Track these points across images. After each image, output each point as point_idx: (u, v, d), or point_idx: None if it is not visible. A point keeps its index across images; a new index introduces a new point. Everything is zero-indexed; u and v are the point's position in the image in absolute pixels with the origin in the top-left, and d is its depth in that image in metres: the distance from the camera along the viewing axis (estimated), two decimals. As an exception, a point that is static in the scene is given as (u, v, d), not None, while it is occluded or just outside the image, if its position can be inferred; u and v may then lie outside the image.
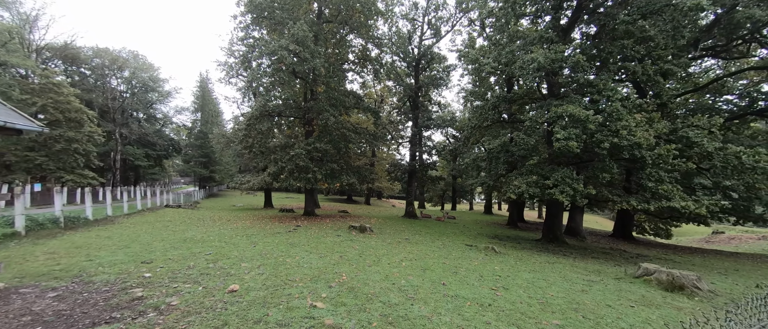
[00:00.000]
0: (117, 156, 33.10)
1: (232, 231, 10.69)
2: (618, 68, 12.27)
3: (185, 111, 46.07)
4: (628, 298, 5.53)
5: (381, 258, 7.33)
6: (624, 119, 9.55)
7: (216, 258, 6.38)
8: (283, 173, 14.35)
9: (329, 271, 5.70)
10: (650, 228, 27.36)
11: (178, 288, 4.28)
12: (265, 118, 15.88)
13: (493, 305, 4.50)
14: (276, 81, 15.09)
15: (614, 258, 11.79)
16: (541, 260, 9.47)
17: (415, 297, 4.57)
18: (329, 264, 6.26)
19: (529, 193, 10.73)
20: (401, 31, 24.16)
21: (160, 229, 10.43)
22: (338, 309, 3.85)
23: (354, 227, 12.18)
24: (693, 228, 37.57)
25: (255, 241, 8.72)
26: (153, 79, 41.57)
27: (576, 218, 18.98)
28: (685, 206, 9.24)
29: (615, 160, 10.74)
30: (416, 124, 24.03)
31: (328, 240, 9.73)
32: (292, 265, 6.03)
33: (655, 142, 10.54)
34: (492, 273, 6.74)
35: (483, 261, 8.09)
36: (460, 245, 11.20)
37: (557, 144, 9.48)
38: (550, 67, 10.46)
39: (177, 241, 8.19)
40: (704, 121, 11.19)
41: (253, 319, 3.35)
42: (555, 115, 10.06)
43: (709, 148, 10.37)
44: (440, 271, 6.47)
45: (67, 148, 22.64)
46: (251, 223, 13.42)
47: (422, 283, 5.35)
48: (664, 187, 9.78)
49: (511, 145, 11.97)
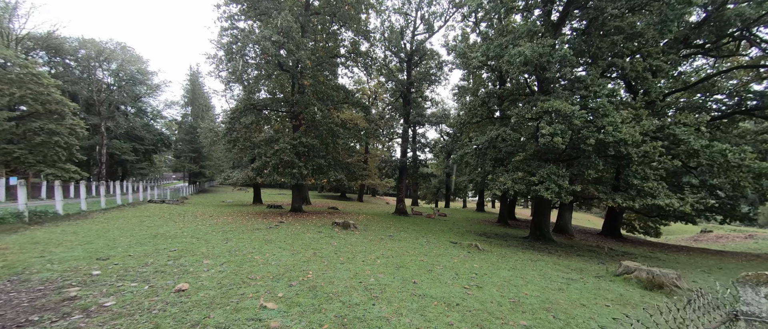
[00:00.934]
0: (103, 150, 32.34)
1: (210, 227, 10.36)
2: (608, 64, 12.11)
3: (175, 105, 45.26)
4: (604, 297, 5.36)
5: (356, 255, 7.08)
6: (610, 115, 9.38)
7: (180, 254, 6.08)
8: (267, 168, 13.99)
9: (296, 269, 5.44)
10: (639, 226, 27.62)
11: (122, 288, 3.98)
12: (249, 111, 15.49)
13: (461, 304, 4.28)
14: (261, 74, 14.67)
15: (600, 256, 11.70)
16: (523, 258, 9.32)
17: (380, 296, 4.33)
18: (299, 262, 6.00)
19: (515, 190, 10.56)
20: (394, 25, 23.79)
21: (134, 225, 10.05)
22: (291, 310, 3.59)
23: (337, 223, 11.92)
24: (682, 227, 38.05)
25: (229, 238, 8.41)
26: (141, 72, 40.66)
27: (565, 216, 18.94)
28: (670, 204, 9.13)
29: (601, 156, 10.60)
30: (407, 120, 23.77)
31: (308, 236, 9.45)
32: (258, 263, 5.75)
33: (642, 139, 10.42)
34: (469, 271, 6.53)
35: (463, 259, 7.89)
36: (444, 242, 11.01)
37: (542, 139, 9.30)
38: (538, 61, 10.25)
39: (146, 237, 7.85)
40: (691, 118, 11.09)
41: (190, 322, 3.07)
42: (541, 110, 9.87)
43: (696, 145, 10.26)
44: (415, 269, 6.25)
45: (47, 140, 21.95)
46: (233, 219, 13.08)
47: (392, 281, 5.11)
48: (649, 185, 9.66)
49: (498, 141, 11.76)
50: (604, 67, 12.23)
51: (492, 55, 11.52)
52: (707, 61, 20.06)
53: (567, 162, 11.62)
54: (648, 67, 12.32)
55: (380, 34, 24.00)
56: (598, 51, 12.49)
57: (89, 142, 32.22)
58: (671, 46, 14.58)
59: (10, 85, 20.77)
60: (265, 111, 17.45)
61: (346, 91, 18.86)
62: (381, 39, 23.92)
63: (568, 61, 9.75)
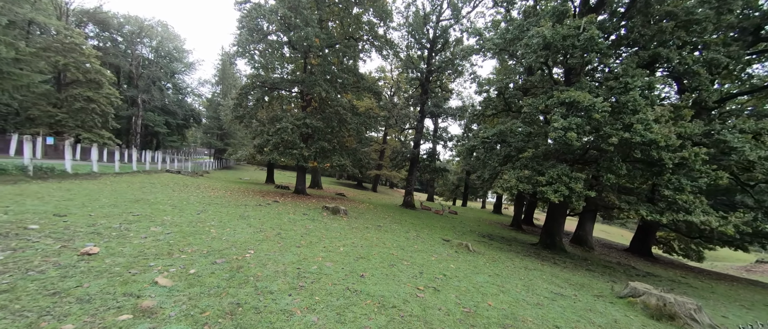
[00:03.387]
0: (138, 120, 34.69)
1: (200, 198, 10.41)
2: (651, 56, 10.33)
3: (207, 83, 47.37)
4: (590, 321, 4.40)
5: (322, 241, 6.59)
6: (641, 111, 7.93)
7: (138, 219, 5.94)
8: (267, 146, 13.89)
9: (241, 247, 5.04)
10: (679, 247, 24.50)
11: (35, 244, 3.77)
12: (257, 89, 15.43)
13: (398, 307, 3.61)
14: (270, 51, 14.46)
15: (614, 273, 10.29)
16: (518, 265, 8.31)
17: (307, 287, 3.77)
18: (252, 240, 5.61)
19: (519, 189, 9.45)
20: (419, 9, 22.57)
21: (130, 189, 10.34)
22: (185, 290, 3.14)
23: (327, 208, 11.53)
24: (731, 253, 33.58)
25: (206, 209, 8.30)
26: (178, 50, 42.87)
27: (585, 226, 17.17)
28: (706, 221, 7.60)
29: (628, 160, 9.12)
30: (422, 109, 22.71)
31: (287, 217, 9.14)
32: (209, 236, 5.44)
33: (681, 143, 8.79)
34: (440, 271, 5.79)
35: (442, 258, 7.12)
36: (436, 239, 10.22)
37: (554, 134, 8.11)
38: (560, 45, 8.90)
39: (127, 201, 7.93)
40: (750, 123, 9.17)
41: (53, 289, 2.72)
42: (557, 101, 8.60)
43: (752, 156, 8.46)
44: (377, 261, 5.62)
45: (85, 107, 23.79)
46: (230, 194, 13.18)
47: (336, 272, 4.54)
48: (683, 197, 8.13)
49: (508, 135, 10.59)
50: (647, 58, 10.48)
51: (509, 38, 10.27)
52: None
53: (585, 163, 10.20)
54: (702, 60, 10.39)
55: (404, 17, 22.95)
56: (640, 38, 10.74)
57: (127, 112, 34.68)
58: (737, 38, 12.24)
59: (56, 53, 22.57)
60: (276, 91, 17.36)
61: (358, 75, 18.22)
62: (405, 23, 22.87)
63: (596, 46, 8.32)
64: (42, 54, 21.56)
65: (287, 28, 13.67)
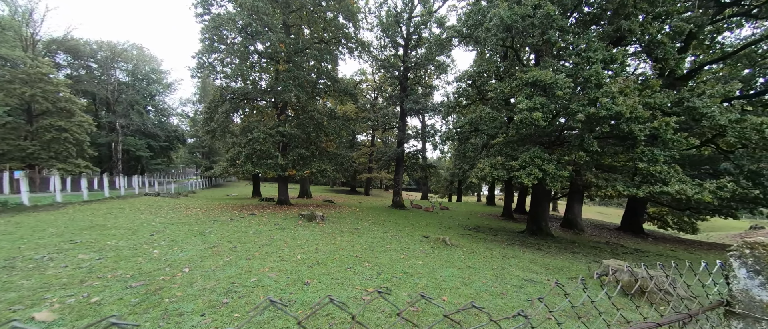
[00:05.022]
0: (118, 146, 33.90)
1: (164, 219, 9.92)
2: (615, 29, 10.20)
3: (188, 102, 46.70)
4: (556, 305, 4.07)
5: (281, 249, 6.20)
6: (605, 85, 7.72)
7: (73, 247, 5.51)
8: (239, 158, 13.46)
9: (177, 265, 4.64)
10: (673, 222, 24.44)
11: None
12: (227, 101, 15.02)
13: (331, 315, 3.25)
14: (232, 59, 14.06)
15: (600, 253, 10.03)
16: (496, 254, 8.00)
17: (229, 303, 3.40)
18: (196, 257, 5.21)
19: (493, 176, 9.16)
20: (391, 9, 22.39)
21: (91, 216, 9.84)
22: (69, 323, 2.74)
23: (303, 215, 11.13)
24: (729, 223, 33.74)
25: (163, 230, 7.85)
26: (155, 72, 42.23)
27: (574, 209, 16.97)
28: (682, 190, 7.38)
29: (598, 137, 8.91)
30: (402, 108, 22.47)
31: (257, 229, 8.73)
32: (146, 259, 5.02)
33: (651, 113, 8.62)
34: (403, 269, 5.44)
35: (414, 255, 6.77)
36: (415, 236, 9.87)
37: (519, 116, 7.85)
38: (521, 25, 8.70)
39: (77, 229, 7.46)
40: (718, 88, 9.04)
41: None
42: (521, 82, 8.37)
43: (721, 120, 8.30)
44: (334, 266, 5.25)
45: (58, 136, 23.07)
46: (204, 212, 12.69)
47: (276, 284, 4.16)
48: (658, 168, 7.91)
49: (480, 123, 10.34)
50: (612, 33, 10.36)
51: (471, 23, 10.06)
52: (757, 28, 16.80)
53: (562, 144, 9.98)
54: (666, 30, 10.30)
55: (377, 17, 22.75)
56: (603, 13, 10.63)
57: (106, 139, 33.90)
58: (700, 5, 12.22)
59: (22, 85, 21.90)
60: (248, 101, 16.96)
61: (331, 78, 17.92)
62: (378, 23, 22.68)
63: (554, 22, 8.12)
64: (6, 86, 20.91)
65: (250, 36, 13.32)
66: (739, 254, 1.22)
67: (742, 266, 1.20)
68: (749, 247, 1.17)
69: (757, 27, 16.71)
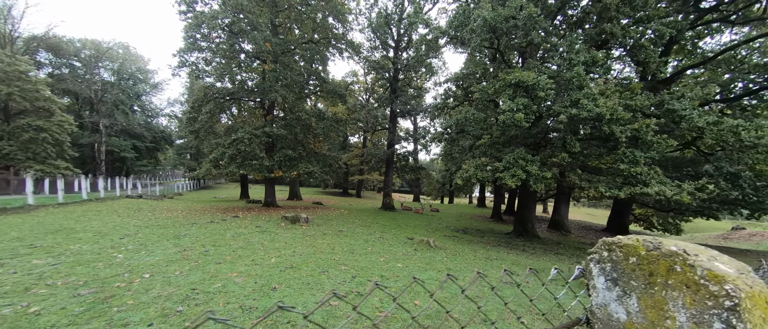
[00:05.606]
0: (102, 147, 32.98)
1: (140, 222, 9.58)
2: (598, 32, 10.31)
3: (176, 103, 45.82)
4: (529, 307, 3.99)
5: (256, 253, 5.99)
6: (586, 86, 7.75)
7: (30, 252, 5.21)
8: (223, 159, 13.15)
9: (138, 271, 4.41)
10: (658, 223, 24.86)
11: None
12: (212, 101, 14.70)
13: (292, 322, 3.08)
14: (218, 58, 13.77)
15: (584, 255, 10.06)
16: (480, 256, 7.93)
17: (184, 311, 3.20)
18: (162, 262, 4.97)
19: (478, 177, 9.11)
20: (381, 10, 22.35)
21: (63, 219, 9.44)
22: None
23: (286, 218, 10.90)
24: (713, 224, 34.53)
25: (136, 233, 7.55)
26: (141, 71, 41.33)
27: (560, 210, 17.10)
28: (661, 191, 7.44)
29: (581, 138, 8.95)
30: (392, 109, 22.39)
31: (235, 231, 8.48)
32: (106, 264, 4.77)
33: (632, 115, 8.70)
34: (380, 273, 5.30)
35: (394, 258, 6.64)
36: (401, 238, 9.74)
37: (502, 116, 7.82)
38: (504, 27, 8.70)
39: (42, 233, 7.11)
40: (696, 91, 9.19)
41: None
42: (505, 83, 8.35)
43: (700, 122, 8.43)
44: (308, 270, 5.08)
45: (35, 137, 22.27)
46: (185, 215, 12.33)
47: (240, 288, 3.97)
48: (638, 169, 7.97)
49: (465, 124, 10.30)
50: (595, 36, 10.46)
51: (456, 24, 10.04)
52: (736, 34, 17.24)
53: (543, 145, 10.01)
54: (647, 34, 10.46)
55: (367, 19, 22.68)
56: (586, 16, 10.74)
57: (89, 139, 32.93)
58: (679, 10, 12.48)
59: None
60: (233, 100, 16.64)
61: (320, 78, 17.74)
62: (368, 25, 22.60)
63: (537, 24, 8.14)
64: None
65: (234, 35, 13.07)
66: (598, 258, 0.97)
67: (600, 273, 0.95)
68: (608, 249, 0.94)
69: (736, 33, 17.22)
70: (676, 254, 0.82)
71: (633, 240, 0.90)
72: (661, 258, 0.83)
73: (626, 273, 0.87)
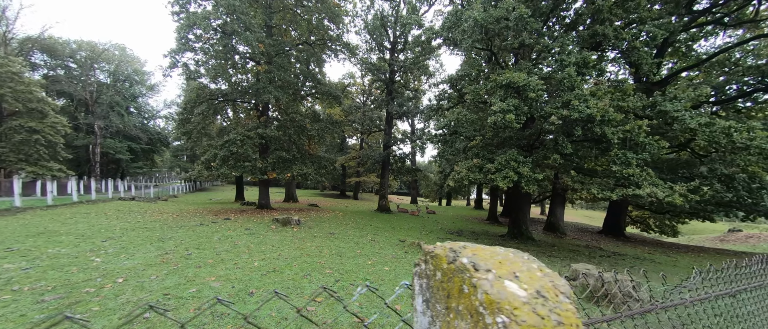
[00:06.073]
0: (96, 149, 32.74)
1: (127, 225, 9.43)
2: (590, 34, 10.28)
3: (173, 104, 45.61)
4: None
5: (240, 256, 5.87)
6: (578, 87, 7.70)
7: (5, 256, 5.06)
8: (215, 161, 13.03)
9: (113, 275, 4.28)
10: (655, 225, 24.81)
11: None
12: (205, 102, 14.59)
13: (264, 327, 2.97)
14: (211, 58, 13.68)
15: (577, 257, 9.97)
16: (471, 259, 7.82)
17: (151, 318, 3.08)
18: (140, 266, 4.84)
19: (470, 179, 9.03)
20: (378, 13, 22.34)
21: (50, 222, 9.28)
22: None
23: (277, 220, 10.77)
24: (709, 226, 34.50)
25: (121, 236, 7.41)
26: (138, 73, 41.19)
27: (556, 212, 17.02)
28: (652, 193, 7.37)
29: (573, 140, 8.88)
30: (388, 111, 22.33)
31: (223, 234, 8.35)
32: (81, 268, 4.64)
33: (624, 117, 8.66)
34: (365, 276, 5.19)
35: (382, 261, 6.53)
36: (393, 241, 9.62)
37: (493, 117, 7.74)
38: (496, 28, 8.66)
39: (23, 236, 6.97)
40: (688, 92, 9.16)
41: None
42: (496, 84, 8.29)
43: (692, 123, 8.38)
44: (291, 274, 4.96)
45: (28, 138, 22.07)
46: (176, 217, 12.18)
47: (216, 293, 3.85)
48: (630, 171, 7.90)
49: (458, 126, 10.23)
50: (587, 37, 10.43)
51: (448, 25, 9.99)
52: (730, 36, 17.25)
53: (536, 147, 9.94)
54: (640, 35, 10.45)
55: (363, 20, 22.65)
56: (579, 18, 10.72)
57: (83, 141, 32.71)
58: (671, 12, 12.49)
59: (-10, 84, 20.91)
60: (226, 101, 16.53)
61: (314, 80, 17.67)
62: (364, 27, 22.57)
63: (528, 25, 8.09)
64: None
65: (227, 36, 12.99)
66: (419, 271, 0.78)
67: (420, 292, 0.76)
68: (424, 260, 0.76)
69: (730, 35, 17.27)
70: (465, 269, 0.64)
71: (440, 250, 0.73)
72: (455, 275, 0.65)
73: (434, 292, 0.70)
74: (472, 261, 0.65)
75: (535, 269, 0.66)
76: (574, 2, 9.80)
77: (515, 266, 0.66)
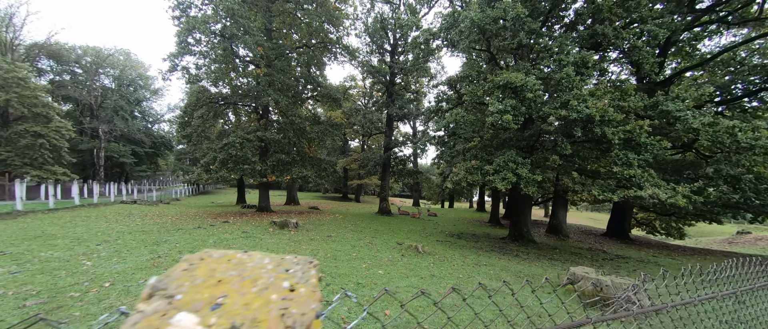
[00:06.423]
0: (101, 153, 33.10)
1: (124, 228, 9.44)
2: (590, 34, 10.16)
3: (176, 108, 46.02)
4: (507, 318, 3.77)
5: (232, 260, 5.80)
6: (576, 87, 7.58)
7: (-2, 258, 5.05)
8: (214, 163, 13.05)
9: (100, 279, 4.24)
10: (661, 227, 24.32)
11: None
12: (205, 105, 14.66)
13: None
14: (212, 62, 13.77)
15: (579, 260, 9.78)
16: (470, 262, 7.69)
17: (136, 321, 3.02)
18: (130, 269, 4.80)
19: (468, 180, 8.91)
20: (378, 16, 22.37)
21: (49, 225, 9.32)
22: None
23: (275, 223, 10.72)
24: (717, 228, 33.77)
25: (116, 239, 7.40)
26: (142, 77, 41.69)
27: (558, 215, 16.79)
28: (654, 194, 7.20)
29: (574, 140, 8.74)
30: (389, 113, 22.30)
31: (219, 237, 8.31)
32: (71, 271, 4.60)
33: (624, 117, 8.51)
34: (355, 281, 5.09)
35: (377, 264, 6.43)
36: (390, 244, 9.51)
37: (491, 118, 7.64)
38: (491, 28, 8.58)
39: (18, 240, 6.99)
40: (691, 92, 8.98)
41: None
42: (493, 85, 8.19)
43: (695, 123, 8.20)
44: (281, 278, 4.88)
45: (33, 142, 22.35)
46: (175, 220, 12.20)
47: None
48: (631, 172, 7.73)
49: (457, 127, 10.14)
50: (587, 37, 10.31)
51: (446, 26, 9.94)
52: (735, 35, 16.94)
53: (536, 148, 9.80)
54: (641, 34, 10.29)
55: (364, 23, 22.70)
56: (579, 18, 10.60)
57: (88, 145, 33.08)
58: (673, 11, 12.32)
59: (-4, 89, 21.24)
60: (227, 104, 16.60)
61: (314, 82, 17.69)
62: (365, 30, 22.62)
63: (524, 25, 8.01)
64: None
65: (227, 39, 13.07)
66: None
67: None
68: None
69: (735, 34, 17.00)
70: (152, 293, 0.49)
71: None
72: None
73: None
74: (165, 281, 0.50)
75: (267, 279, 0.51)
76: (574, 2, 9.69)
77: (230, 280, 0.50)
